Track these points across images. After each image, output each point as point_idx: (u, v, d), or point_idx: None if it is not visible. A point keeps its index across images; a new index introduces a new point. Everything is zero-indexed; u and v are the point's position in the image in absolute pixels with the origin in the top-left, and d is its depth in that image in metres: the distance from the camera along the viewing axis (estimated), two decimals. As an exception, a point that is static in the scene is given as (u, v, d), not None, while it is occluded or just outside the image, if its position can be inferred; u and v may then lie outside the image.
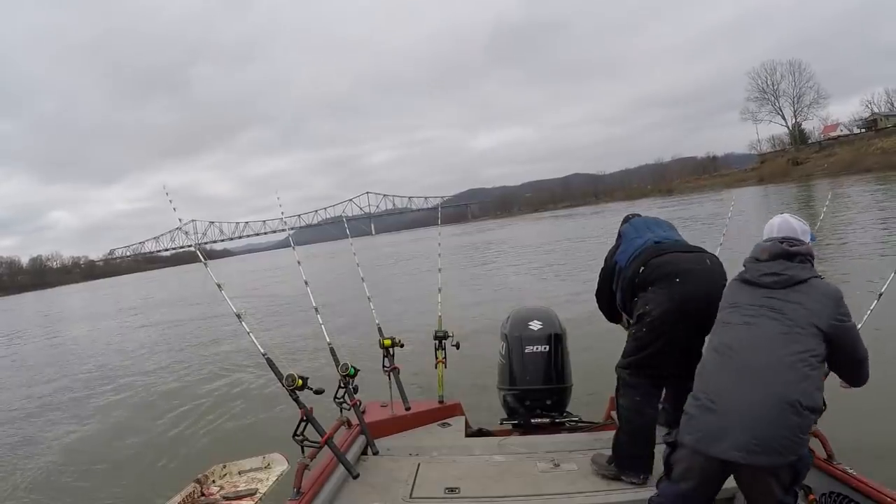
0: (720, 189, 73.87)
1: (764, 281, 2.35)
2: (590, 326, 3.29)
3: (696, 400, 2.28)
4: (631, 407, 3.06)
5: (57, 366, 15.20)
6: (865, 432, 3.96)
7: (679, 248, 3.11)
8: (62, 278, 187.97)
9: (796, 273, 2.32)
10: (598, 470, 3.07)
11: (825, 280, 2.38)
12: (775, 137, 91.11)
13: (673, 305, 2.92)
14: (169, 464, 6.47)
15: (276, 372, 3.07)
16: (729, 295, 2.49)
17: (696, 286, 2.92)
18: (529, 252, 28.52)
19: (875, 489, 2.36)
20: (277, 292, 24.68)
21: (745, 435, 2.05)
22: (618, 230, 3.52)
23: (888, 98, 79.18)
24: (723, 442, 2.08)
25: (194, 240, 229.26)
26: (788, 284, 2.30)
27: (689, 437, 2.21)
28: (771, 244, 2.44)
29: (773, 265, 2.36)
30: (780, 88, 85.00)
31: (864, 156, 63.49)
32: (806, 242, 2.48)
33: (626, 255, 3.21)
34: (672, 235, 3.28)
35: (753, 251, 2.50)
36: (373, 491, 3.03)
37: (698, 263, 3.00)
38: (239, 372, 10.52)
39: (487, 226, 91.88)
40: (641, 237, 3.23)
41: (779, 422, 2.04)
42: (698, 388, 2.31)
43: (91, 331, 24.47)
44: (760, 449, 2.03)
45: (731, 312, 2.39)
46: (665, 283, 2.96)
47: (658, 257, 3.03)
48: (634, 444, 3.00)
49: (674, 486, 2.31)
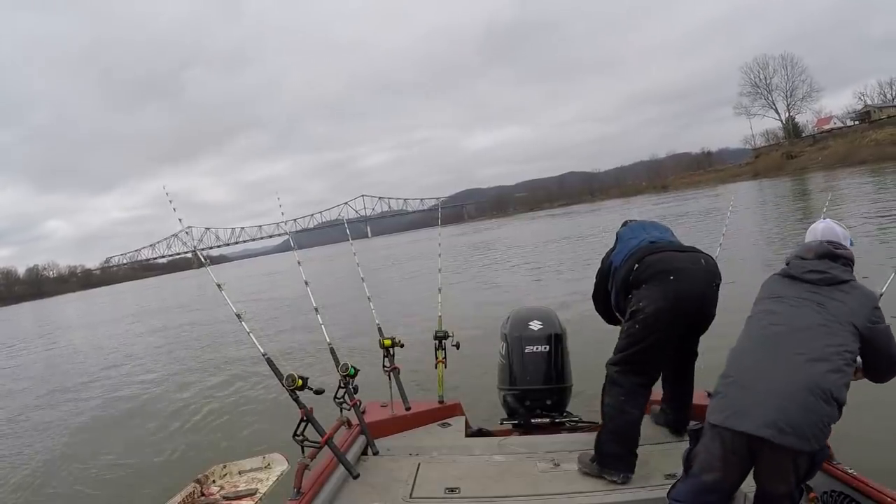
0: (715, 184, 74.07)
1: (809, 277, 2.42)
2: (590, 326, 3.29)
3: (727, 378, 2.30)
4: (615, 405, 3.05)
5: (57, 370, 15.23)
6: (865, 432, 3.97)
7: (674, 248, 3.14)
8: (59, 288, 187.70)
9: (839, 274, 2.40)
10: (582, 468, 3.06)
11: (863, 284, 2.45)
12: (769, 132, 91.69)
13: (667, 304, 2.93)
14: (169, 464, 6.48)
15: (276, 372, 3.07)
16: (770, 287, 2.54)
17: (690, 284, 2.94)
18: (526, 252, 28.61)
19: (875, 489, 2.37)
20: (276, 295, 24.71)
21: (778, 413, 2.06)
22: (616, 233, 3.55)
23: (881, 90, 79.84)
24: (755, 418, 2.09)
25: (190, 246, 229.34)
26: (832, 283, 2.37)
27: (718, 416, 2.22)
28: (818, 244, 2.54)
29: (819, 263, 2.44)
30: (773, 83, 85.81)
31: (858, 148, 63.83)
32: (848, 247, 2.58)
33: (622, 256, 3.23)
34: (667, 237, 3.31)
35: (798, 250, 2.59)
36: (373, 491, 3.03)
37: (693, 262, 3.02)
38: (239, 372, 10.54)
39: (484, 226, 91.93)
40: (636, 238, 3.26)
41: (812, 407, 2.07)
42: (731, 367, 2.33)
43: (91, 337, 24.48)
44: (791, 430, 2.04)
45: (774, 302, 2.43)
46: (659, 280, 2.97)
47: (652, 255, 3.05)
48: (616, 443, 2.98)
49: (694, 480, 2.29)
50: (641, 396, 3.08)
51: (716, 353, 2.65)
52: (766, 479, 2.21)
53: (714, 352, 2.97)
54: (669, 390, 3.46)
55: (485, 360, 5.15)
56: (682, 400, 3.44)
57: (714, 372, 4.08)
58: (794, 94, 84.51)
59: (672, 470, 2.92)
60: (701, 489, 2.26)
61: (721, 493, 2.26)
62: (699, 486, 2.27)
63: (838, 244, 2.55)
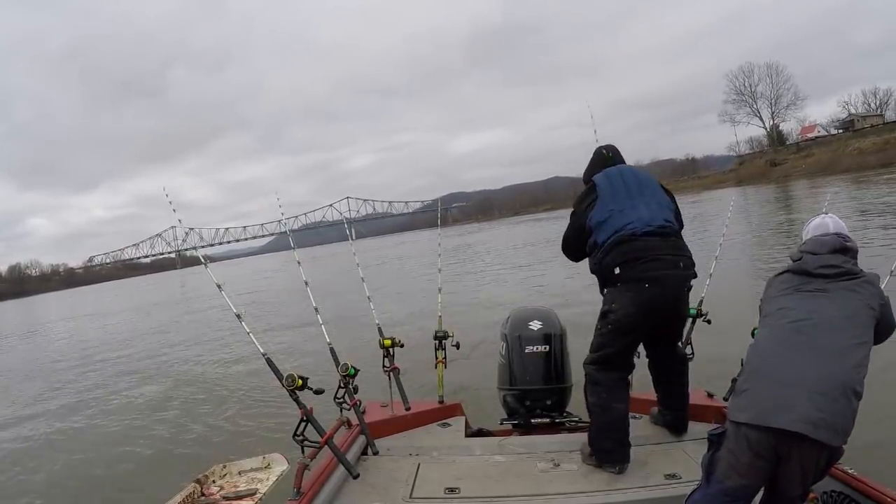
0: (699, 191, 74.48)
1: (823, 272, 2.38)
2: (590, 326, 3.30)
3: (751, 375, 2.25)
4: (600, 403, 3.13)
5: (50, 370, 14.98)
6: (864, 433, 3.99)
7: (656, 249, 3.05)
8: (41, 286, 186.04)
9: (851, 268, 2.39)
10: (585, 459, 3.15)
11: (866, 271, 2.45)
12: (753, 139, 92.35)
13: (636, 310, 3.03)
14: (169, 464, 6.43)
15: (276, 372, 3.07)
16: (782, 285, 2.48)
17: (663, 291, 3.02)
18: (510, 253, 28.73)
19: (875, 489, 2.37)
20: (271, 298, 24.58)
21: (811, 407, 2.02)
22: (589, 166, 3.54)
23: (865, 99, 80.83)
24: (790, 413, 2.03)
25: (174, 246, 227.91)
26: (846, 276, 2.35)
27: (745, 413, 2.16)
28: (831, 238, 2.50)
29: (833, 258, 2.41)
30: (758, 90, 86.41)
31: (841, 156, 64.45)
32: (853, 241, 2.56)
33: (603, 234, 3.15)
34: (652, 213, 3.16)
35: (810, 245, 2.53)
36: (373, 491, 3.02)
37: (671, 267, 3.05)
38: (239, 372, 10.51)
39: (468, 229, 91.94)
40: (620, 212, 3.15)
41: (842, 401, 2.05)
42: (754, 363, 2.28)
43: (85, 333, 24.23)
44: (825, 424, 2.00)
45: (791, 298, 2.39)
46: (633, 286, 3.03)
47: (633, 260, 3.03)
48: (608, 439, 3.07)
49: (717, 486, 2.22)
50: (623, 389, 3.18)
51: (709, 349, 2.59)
52: (787, 480, 2.14)
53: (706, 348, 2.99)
54: (661, 392, 3.49)
55: (485, 360, 5.14)
56: (677, 400, 3.45)
57: (710, 372, 4.11)
58: (779, 102, 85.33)
59: (672, 470, 2.96)
60: (722, 496, 2.21)
61: (744, 499, 2.21)
62: (721, 492, 2.21)
63: (847, 237, 2.54)
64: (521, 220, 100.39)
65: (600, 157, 3.55)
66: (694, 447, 3.16)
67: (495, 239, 44.48)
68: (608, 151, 3.57)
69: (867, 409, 2.19)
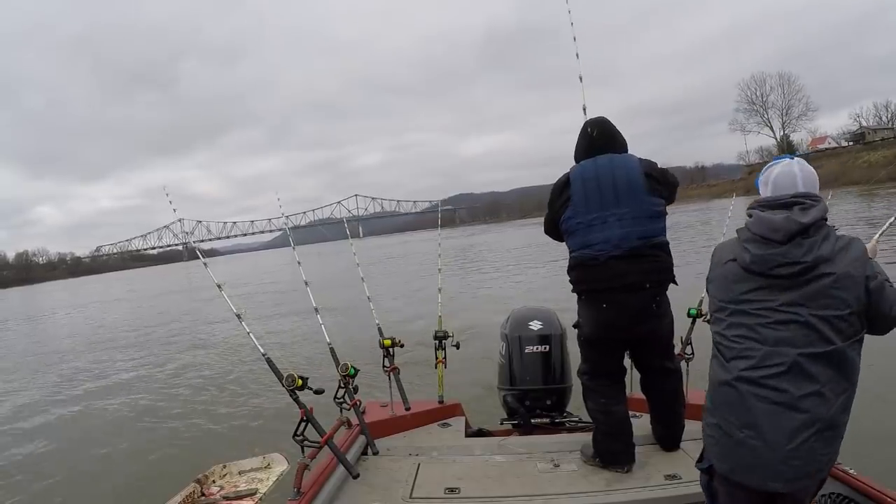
0: (708, 199, 74.20)
1: (779, 273, 1.85)
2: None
3: (712, 419, 2.01)
4: (599, 408, 3.15)
5: (50, 365, 15.00)
6: (864, 432, 3.98)
7: (619, 276, 2.91)
8: (48, 274, 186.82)
9: (820, 252, 1.82)
10: (586, 461, 3.15)
11: (845, 237, 1.89)
12: (763, 149, 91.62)
13: (597, 328, 3.09)
14: (169, 464, 6.43)
15: (276, 372, 3.07)
16: (728, 286, 2.00)
17: (619, 314, 2.99)
18: (513, 254, 28.77)
19: (875, 489, 2.35)
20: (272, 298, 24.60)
21: (784, 464, 1.80)
22: (577, 145, 3.23)
23: (877, 112, 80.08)
24: (760, 473, 1.84)
25: (182, 238, 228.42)
26: (812, 272, 1.82)
27: (724, 466, 1.95)
28: (784, 219, 1.86)
29: (791, 250, 1.84)
30: (770, 100, 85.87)
31: (850, 169, 64.03)
32: (820, 196, 1.96)
33: (572, 243, 3.07)
34: (624, 231, 2.92)
35: (757, 225, 1.94)
36: (373, 491, 3.02)
37: (635, 291, 2.93)
38: (239, 372, 10.53)
39: (475, 230, 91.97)
40: (588, 227, 2.97)
41: (818, 446, 1.80)
42: (715, 411, 2.00)
43: (86, 329, 24.17)
44: (802, 475, 1.82)
45: (740, 314, 1.93)
46: (593, 304, 3.05)
47: (593, 285, 3.00)
48: (612, 441, 3.08)
49: None
50: (619, 391, 3.20)
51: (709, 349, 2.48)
52: None
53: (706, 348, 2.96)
54: (649, 403, 3.36)
55: (484, 361, 5.14)
56: (665, 413, 3.29)
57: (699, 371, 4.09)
58: (790, 112, 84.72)
59: (672, 470, 2.96)
60: None
61: None
62: None
63: (811, 196, 1.91)
64: (528, 222, 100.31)
65: (585, 138, 3.18)
66: (694, 447, 3.14)
67: (500, 240, 44.49)
68: (593, 130, 3.16)
69: (867, 410, 2.14)
